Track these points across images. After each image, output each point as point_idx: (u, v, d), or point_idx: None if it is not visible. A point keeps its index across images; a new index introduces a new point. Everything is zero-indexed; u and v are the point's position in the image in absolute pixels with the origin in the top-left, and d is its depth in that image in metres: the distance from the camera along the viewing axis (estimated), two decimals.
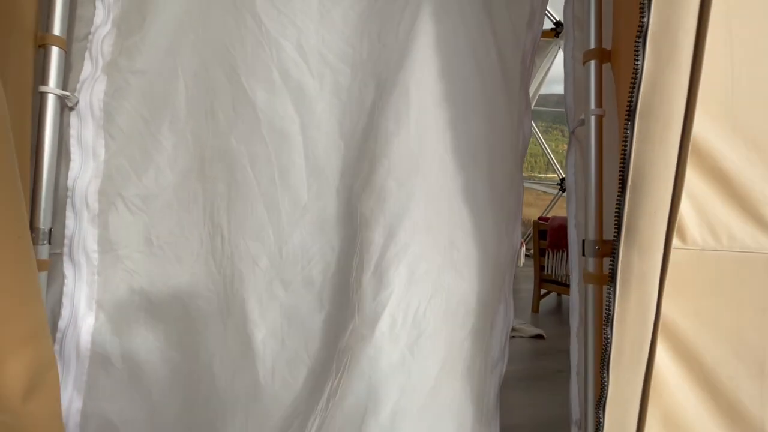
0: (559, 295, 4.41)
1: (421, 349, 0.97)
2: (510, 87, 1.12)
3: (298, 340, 1.02)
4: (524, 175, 1.25)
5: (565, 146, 1.21)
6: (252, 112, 1.03)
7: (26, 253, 0.80)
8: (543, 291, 4.14)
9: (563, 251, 3.87)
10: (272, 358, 1.01)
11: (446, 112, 1.03)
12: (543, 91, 6.05)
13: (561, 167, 6.31)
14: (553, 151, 6.67)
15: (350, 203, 1.05)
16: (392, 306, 0.96)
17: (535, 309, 4.07)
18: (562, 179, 5.97)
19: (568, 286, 1.89)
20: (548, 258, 4.01)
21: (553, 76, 5.48)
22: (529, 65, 1.16)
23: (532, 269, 4.20)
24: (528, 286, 4.38)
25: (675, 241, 0.83)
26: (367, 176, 1.03)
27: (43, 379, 0.84)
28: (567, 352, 1.15)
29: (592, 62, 0.94)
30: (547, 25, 4.59)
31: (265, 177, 1.03)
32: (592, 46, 0.95)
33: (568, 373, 1.13)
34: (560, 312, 4.25)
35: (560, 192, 6.02)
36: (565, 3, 1.08)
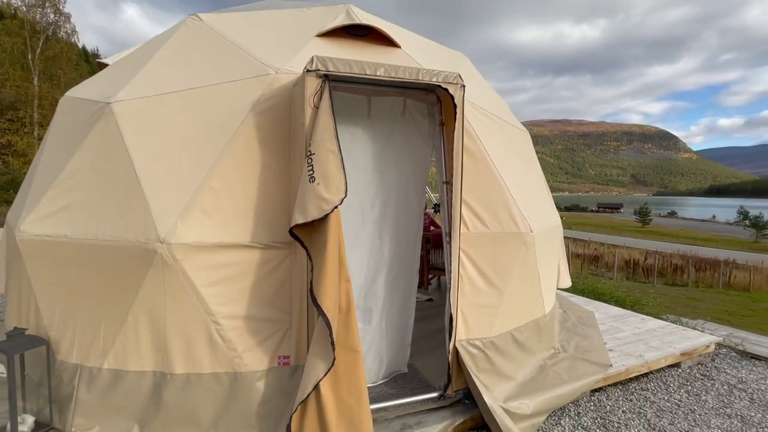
0: (439, 277, 6.60)
1: (399, 253, 3.37)
2: (418, 190, 3.51)
3: (361, 262, 3.25)
4: None
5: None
6: (351, 209, 3.23)
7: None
8: (430, 276, 6.31)
9: (440, 249, 6.16)
10: (354, 267, 3.21)
11: (407, 201, 3.40)
12: None
13: (430, 188, 8.72)
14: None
15: (375, 228, 3.32)
16: (388, 247, 3.33)
17: (426, 287, 6.23)
18: (436, 204, 8.39)
19: (443, 270, 3.91)
20: (432, 254, 6.18)
21: None
22: (424, 180, 3.55)
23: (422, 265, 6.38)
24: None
25: (464, 230, 3.26)
26: (380, 220, 3.34)
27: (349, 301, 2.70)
28: (444, 307, 3.37)
29: (444, 185, 3.33)
30: None
31: (355, 223, 3.23)
32: (444, 179, 3.34)
33: (444, 316, 3.39)
34: (440, 287, 6.39)
35: (436, 212, 8.49)
36: (436, 160, 3.49)
